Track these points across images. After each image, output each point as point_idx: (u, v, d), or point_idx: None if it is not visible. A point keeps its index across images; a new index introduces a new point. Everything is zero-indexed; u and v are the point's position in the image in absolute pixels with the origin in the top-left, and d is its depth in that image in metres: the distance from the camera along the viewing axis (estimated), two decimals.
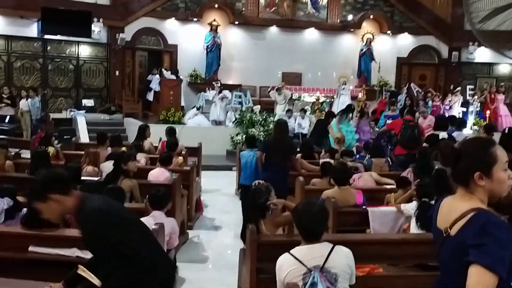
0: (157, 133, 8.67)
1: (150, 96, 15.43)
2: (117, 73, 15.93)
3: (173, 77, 15.13)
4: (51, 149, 7.08)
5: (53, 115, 14.24)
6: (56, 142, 8.41)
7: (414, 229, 4.52)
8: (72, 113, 14.37)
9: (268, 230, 4.17)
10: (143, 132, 8.19)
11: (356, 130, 10.70)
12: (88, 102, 15.42)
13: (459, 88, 16.21)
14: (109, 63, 16.11)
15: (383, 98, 15.87)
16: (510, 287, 1.98)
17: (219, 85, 14.68)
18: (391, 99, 13.78)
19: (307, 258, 2.89)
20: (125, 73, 16.15)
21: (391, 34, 17.92)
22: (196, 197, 7.61)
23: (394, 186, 5.77)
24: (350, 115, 11.08)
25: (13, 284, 2.91)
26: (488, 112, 15.34)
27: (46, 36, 14.90)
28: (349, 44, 17.78)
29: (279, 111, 14.00)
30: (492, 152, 2.02)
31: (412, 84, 16.66)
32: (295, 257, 2.91)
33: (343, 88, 14.15)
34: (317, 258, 2.87)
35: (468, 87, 16.78)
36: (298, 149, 7.89)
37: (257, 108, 14.01)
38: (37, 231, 3.86)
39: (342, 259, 2.90)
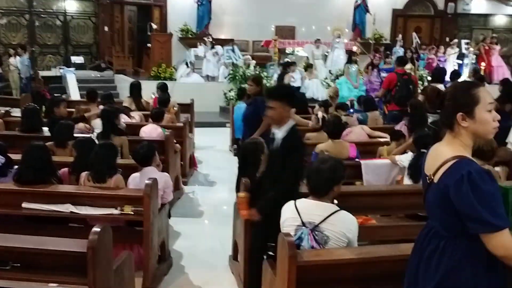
0: (148, 90, 8.54)
1: None
2: (106, 28, 15.52)
3: None
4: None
5: (42, 73, 13.99)
6: None
7: (407, 180, 4.55)
8: (61, 70, 14.10)
9: None
10: (138, 89, 8.01)
11: (366, 83, 10.60)
12: (77, 59, 15.08)
13: (455, 41, 16.00)
14: (98, 18, 15.69)
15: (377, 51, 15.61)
16: None
17: (210, 40, 14.37)
18: (386, 52, 13.59)
19: (307, 212, 2.86)
20: (114, 29, 15.74)
21: None
22: (190, 154, 7.60)
23: (387, 139, 5.79)
24: (355, 67, 10.91)
25: (10, 239, 2.91)
26: (483, 64, 15.20)
27: None
28: None
29: (321, 69, 13.41)
30: (475, 93, 2.01)
31: (413, 34, 16.26)
32: (296, 207, 2.90)
33: (337, 42, 13.95)
34: (316, 216, 2.83)
35: (463, 41, 16.54)
36: None
37: (252, 62, 13.75)
38: (30, 188, 3.85)
39: (339, 226, 2.81)
